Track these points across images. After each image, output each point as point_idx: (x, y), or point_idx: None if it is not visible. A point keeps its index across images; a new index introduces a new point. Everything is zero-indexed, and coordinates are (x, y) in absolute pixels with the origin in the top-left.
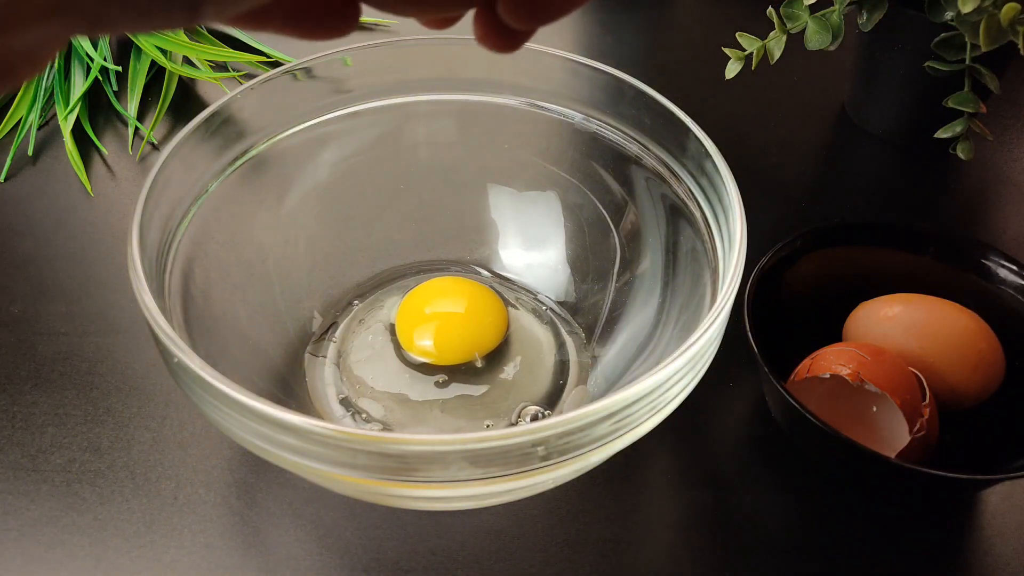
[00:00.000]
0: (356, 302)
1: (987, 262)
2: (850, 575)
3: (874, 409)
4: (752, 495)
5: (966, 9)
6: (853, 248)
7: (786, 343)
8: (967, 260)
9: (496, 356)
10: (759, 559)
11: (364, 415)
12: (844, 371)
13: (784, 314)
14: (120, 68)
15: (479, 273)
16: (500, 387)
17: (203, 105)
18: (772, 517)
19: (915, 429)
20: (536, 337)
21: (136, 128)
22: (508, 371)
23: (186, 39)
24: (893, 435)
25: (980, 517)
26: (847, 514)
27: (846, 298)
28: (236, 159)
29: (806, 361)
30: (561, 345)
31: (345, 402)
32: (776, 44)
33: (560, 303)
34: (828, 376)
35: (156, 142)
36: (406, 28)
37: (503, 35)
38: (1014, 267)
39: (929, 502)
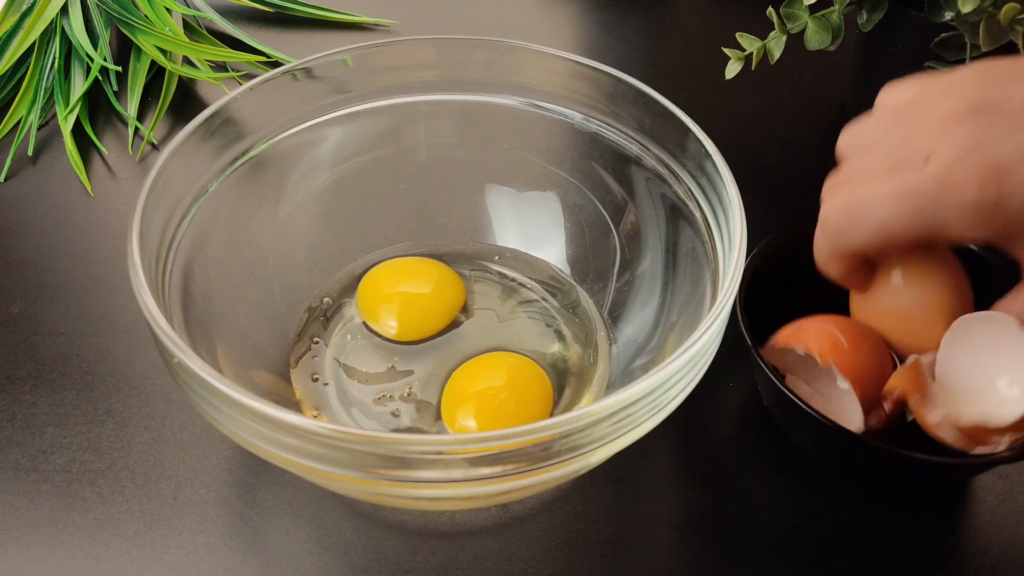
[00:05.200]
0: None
1: (979, 252)
2: (851, 573)
3: (840, 388)
4: (752, 494)
5: (966, 9)
6: None
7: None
8: (960, 251)
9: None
10: (759, 559)
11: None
12: (815, 350)
13: (783, 310)
14: (120, 68)
15: (479, 272)
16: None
17: (203, 105)
18: (772, 516)
19: (871, 421)
20: (536, 336)
21: (136, 128)
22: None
23: (186, 39)
24: (850, 421)
25: (981, 516)
26: (847, 512)
27: (844, 294)
28: (236, 159)
29: (790, 327)
30: (562, 345)
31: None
32: (776, 44)
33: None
34: (803, 352)
35: (156, 142)
36: (406, 28)
37: None
38: (1005, 259)
39: (923, 489)
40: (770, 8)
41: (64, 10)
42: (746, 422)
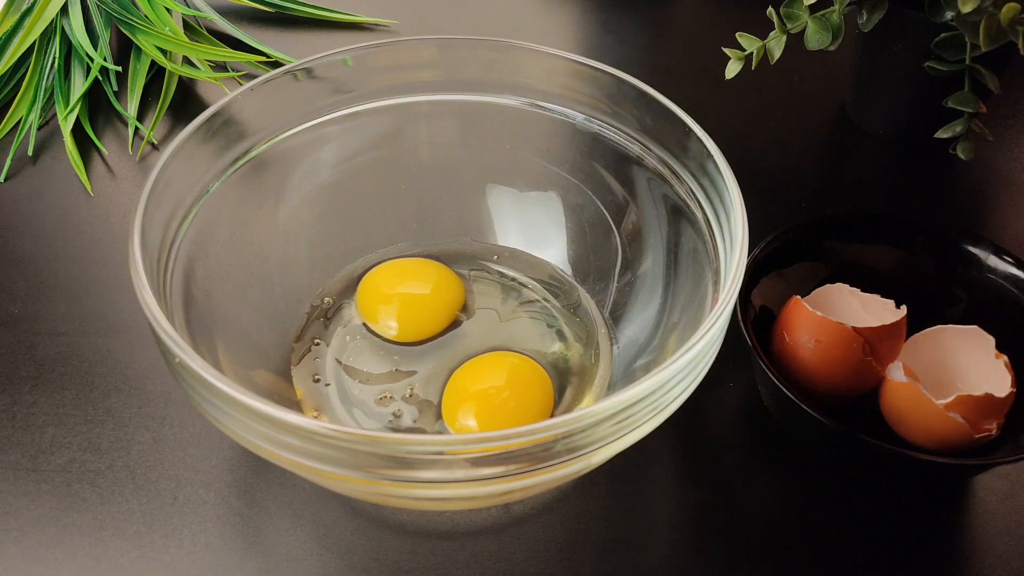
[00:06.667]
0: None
1: (977, 252)
2: (852, 574)
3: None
4: (752, 494)
5: (966, 9)
6: (845, 241)
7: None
8: (957, 251)
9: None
10: (759, 558)
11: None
12: (810, 345)
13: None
14: (120, 68)
15: (480, 272)
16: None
17: (203, 105)
18: (772, 516)
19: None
20: (537, 336)
21: (136, 128)
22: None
23: (186, 39)
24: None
25: (981, 516)
26: (848, 512)
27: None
28: (237, 159)
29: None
30: (563, 345)
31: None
32: (776, 44)
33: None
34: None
35: (156, 142)
36: (406, 28)
37: None
38: (1004, 256)
39: (923, 489)
40: (770, 8)
41: (64, 10)
42: (746, 422)
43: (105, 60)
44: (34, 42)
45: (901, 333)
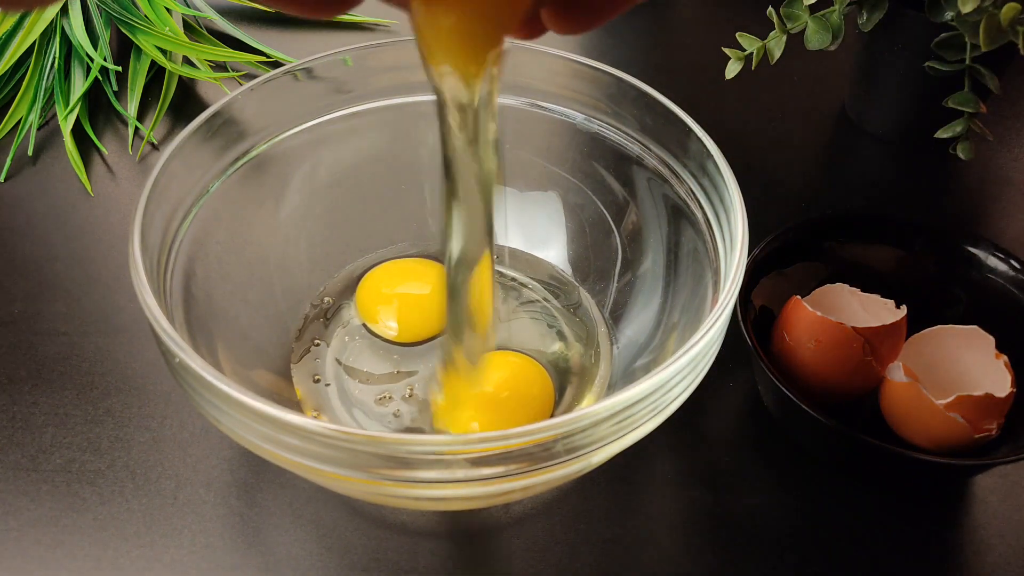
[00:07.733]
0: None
1: (977, 252)
2: (851, 574)
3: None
4: (752, 494)
5: (966, 9)
6: (845, 241)
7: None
8: (957, 251)
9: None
10: (759, 558)
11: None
12: (810, 345)
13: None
14: (120, 68)
15: None
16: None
17: (203, 105)
18: (772, 516)
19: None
20: (538, 336)
21: (136, 128)
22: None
23: (186, 39)
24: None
25: (981, 516)
26: (847, 512)
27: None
28: (237, 159)
29: (790, 310)
30: (563, 345)
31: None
32: (776, 44)
33: (562, 303)
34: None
35: (156, 142)
36: (406, 28)
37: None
38: (1004, 256)
39: (923, 489)
40: (770, 8)
41: (64, 10)
42: (746, 422)
43: (105, 60)
44: (34, 42)
45: (901, 333)
